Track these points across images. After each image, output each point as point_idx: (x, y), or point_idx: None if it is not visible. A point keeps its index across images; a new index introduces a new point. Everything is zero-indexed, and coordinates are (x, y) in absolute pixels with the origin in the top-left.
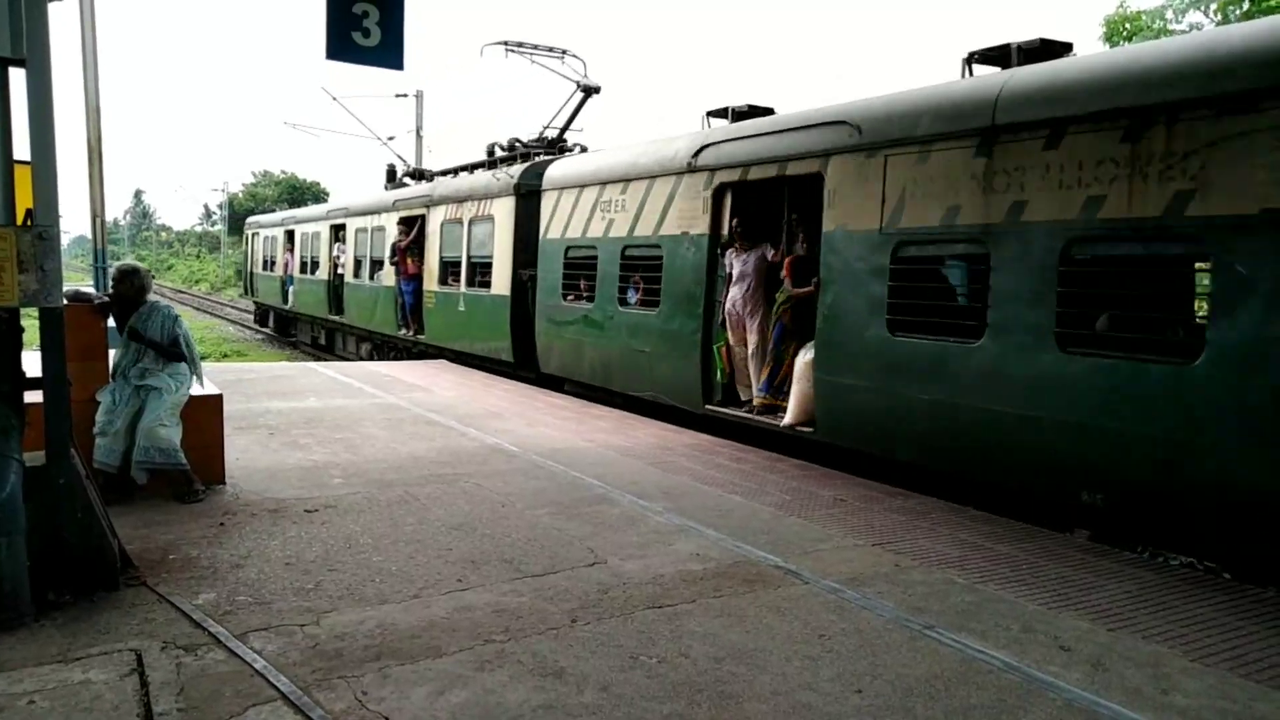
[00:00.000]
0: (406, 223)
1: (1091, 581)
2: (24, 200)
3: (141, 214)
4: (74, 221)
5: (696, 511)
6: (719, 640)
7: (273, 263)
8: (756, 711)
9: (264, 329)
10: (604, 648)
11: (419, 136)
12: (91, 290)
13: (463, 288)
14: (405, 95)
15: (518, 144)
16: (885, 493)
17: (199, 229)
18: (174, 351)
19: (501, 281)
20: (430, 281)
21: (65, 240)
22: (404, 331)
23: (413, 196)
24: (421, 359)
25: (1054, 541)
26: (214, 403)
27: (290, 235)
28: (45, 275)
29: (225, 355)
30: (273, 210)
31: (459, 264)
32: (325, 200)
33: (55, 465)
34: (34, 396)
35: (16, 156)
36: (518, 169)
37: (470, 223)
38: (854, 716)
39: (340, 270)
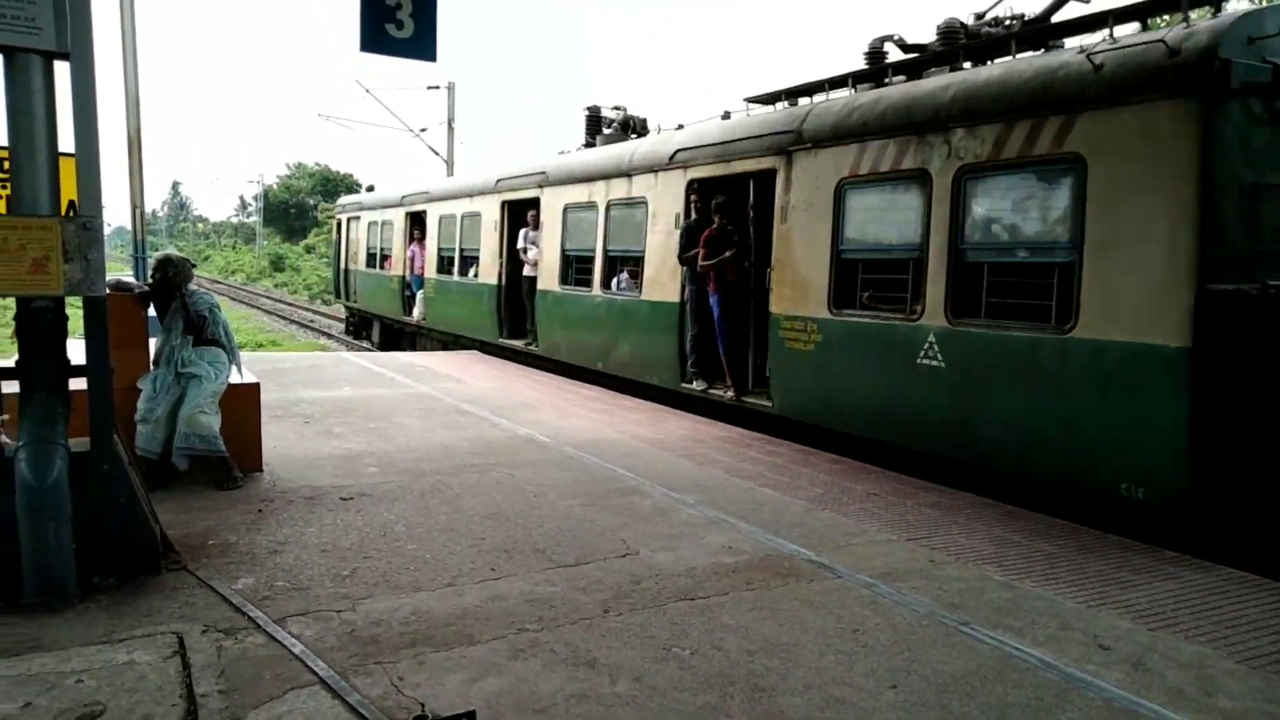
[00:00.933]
0: (710, 190)
1: (1131, 580)
2: (67, 192)
3: (179, 206)
4: (114, 213)
5: (728, 504)
6: (752, 633)
7: (383, 257)
8: (790, 705)
9: (360, 344)
10: (637, 638)
11: (450, 128)
12: (132, 280)
13: (932, 319)
14: (437, 87)
15: (960, 28)
16: (919, 487)
17: (235, 220)
18: (199, 327)
19: (1151, 314)
20: (794, 299)
21: (105, 231)
22: (697, 384)
23: (733, 140)
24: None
25: (1092, 539)
26: (251, 391)
27: (418, 219)
28: (89, 265)
29: (260, 345)
30: (355, 190)
31: (919, 266)
32: (357, 191)
33: (99, 451)
34: (78, 384)
35: (60, 149)
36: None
37: (962, 179)
38: (889, 712)
39: (531, 272)
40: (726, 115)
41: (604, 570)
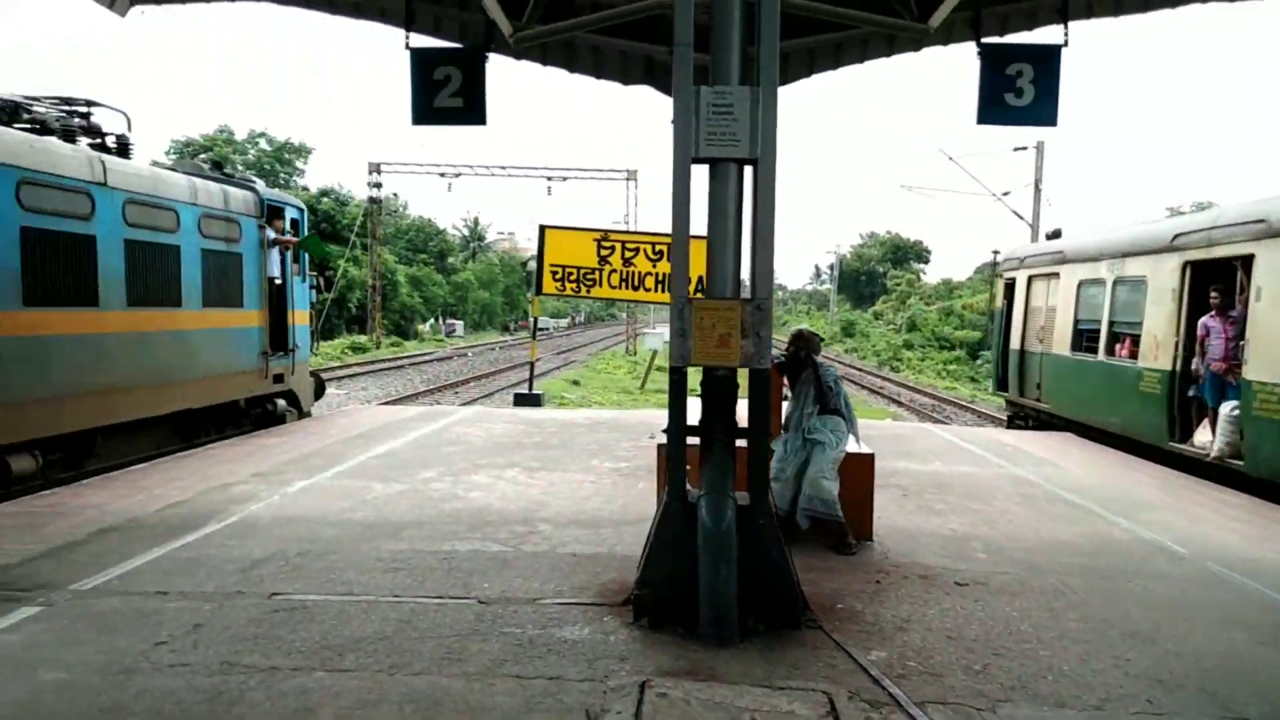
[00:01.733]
0: None
1: None
2: (698, 269)
3: None
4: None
5: None
6: None
7: (1114, 337)
8: None
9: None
10: None
11: (1037, 189)
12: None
13: None
14: (1024, 148)
15: None
16: None
17: (809, 288)
18: (827, 399)
19: None
20: None
21: None
22: None
23: None
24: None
25: None
26: (866, 462)
27: (1215, 272)
28: (760, 341)
29: None
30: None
31: None
32: (926, 258)
33: (757, 506)
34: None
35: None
36: None
37: None
38: None
39: None
40: None
41: None
